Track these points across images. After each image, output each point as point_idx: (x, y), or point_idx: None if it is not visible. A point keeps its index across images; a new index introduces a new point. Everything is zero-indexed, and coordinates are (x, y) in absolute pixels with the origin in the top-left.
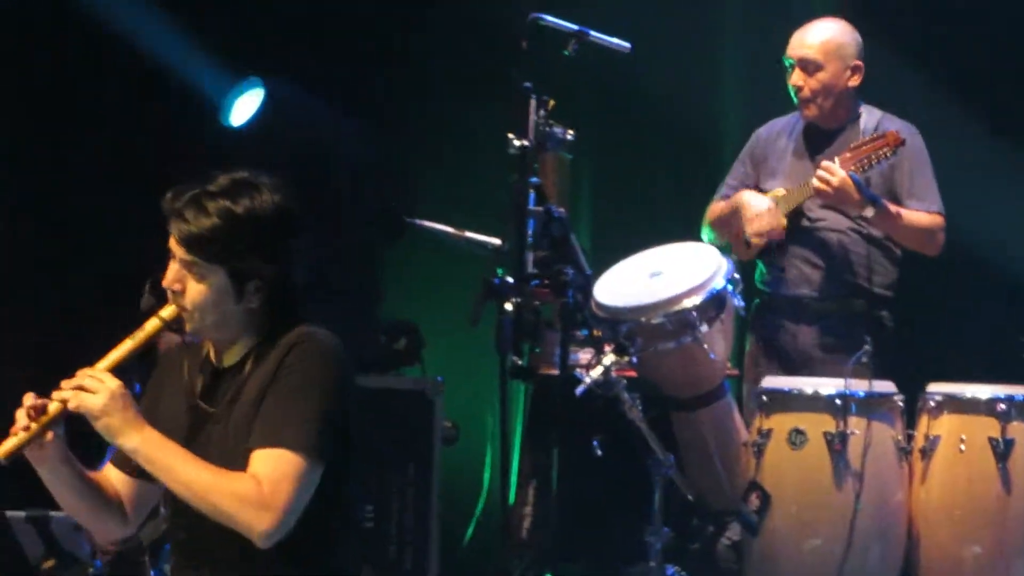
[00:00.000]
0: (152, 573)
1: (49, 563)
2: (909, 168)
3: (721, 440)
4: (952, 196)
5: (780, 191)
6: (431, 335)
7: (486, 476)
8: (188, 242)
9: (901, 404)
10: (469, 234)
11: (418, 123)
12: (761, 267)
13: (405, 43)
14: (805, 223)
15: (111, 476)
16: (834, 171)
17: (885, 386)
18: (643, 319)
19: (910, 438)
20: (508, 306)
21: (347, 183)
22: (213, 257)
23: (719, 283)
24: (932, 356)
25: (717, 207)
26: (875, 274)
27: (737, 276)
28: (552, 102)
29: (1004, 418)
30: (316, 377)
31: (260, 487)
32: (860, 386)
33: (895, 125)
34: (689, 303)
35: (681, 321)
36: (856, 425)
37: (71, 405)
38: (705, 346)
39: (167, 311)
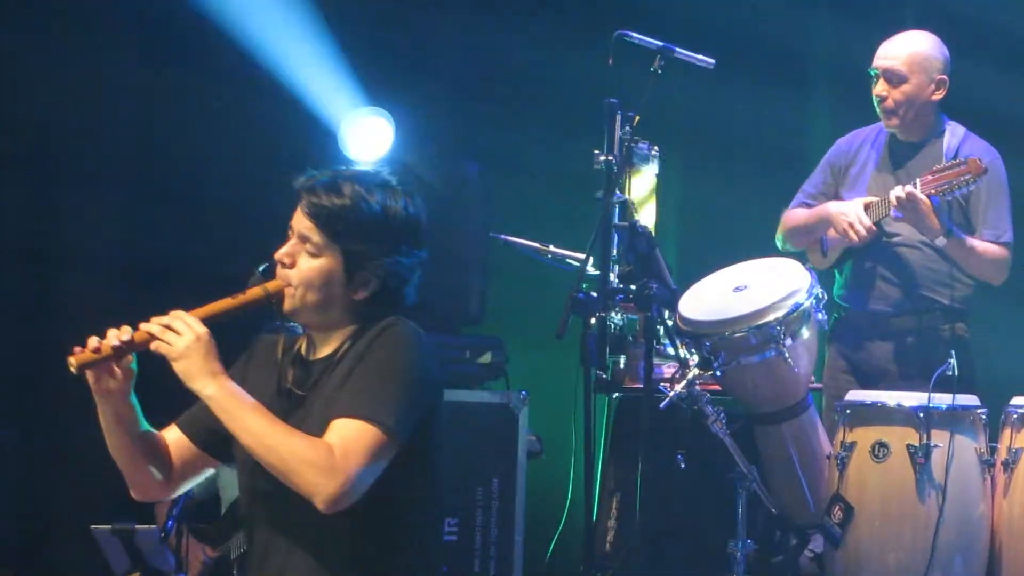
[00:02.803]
0: None
1: None
2: (987, 195)
3: (804, 453)
4: None
5: (870, 199)
6: (516, 349)
7: (569, 490)
8: (315, 214)
9: (984, 417)
10: (555, 249)
11: (504, 138)
12: (839, 281)
13: (493, 61)
14: (882, 238)
15: (169, 436)
16: (915, 196)
17: (968, 399)
18: (727, 333)
19: (993, 451)
20: (593, 321)
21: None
22: (334, 235)
23: (803, 297)
24: (1017, 369)
25: (796, 214)
26: (951, 288)
27: (820, 290)
28: (637, 118)
29: None
30: (400, 360)
31: (331, 452)
32: (943, 399)
33: (978, 146)
34: (773, 317)
35: (765, 335)
36: (939, 438)
37: (155, 341)
38: (789, 360)
39: (272, 284)
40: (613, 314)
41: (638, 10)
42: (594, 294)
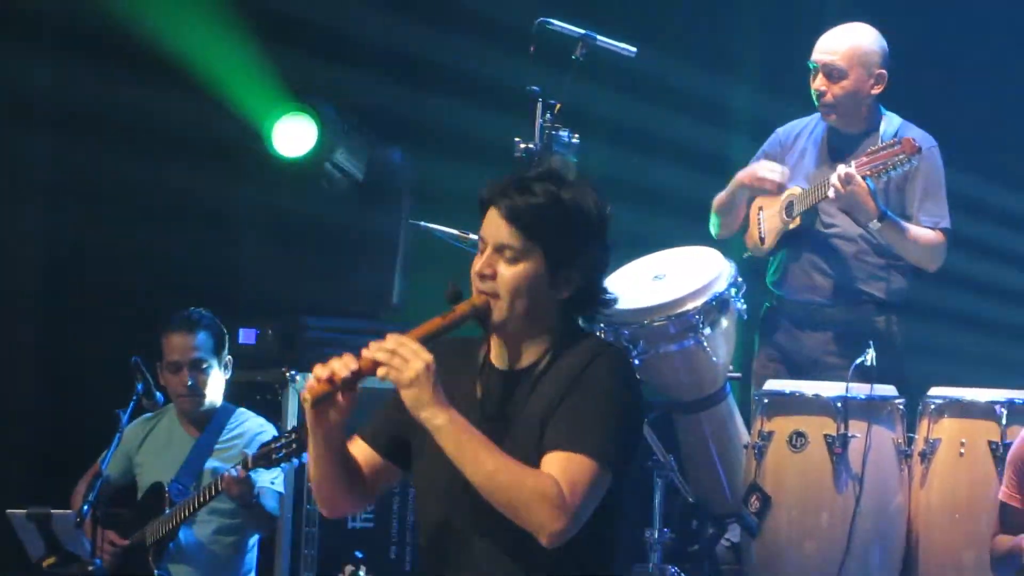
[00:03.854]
0: (156, 571)
1: (50, 561)
2: (923, 182)
3: (722, 442)
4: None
5: (796, 190)
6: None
7: None
8: (512, 217)
9: (902, 408)
10: (474, 236)
11: (424, 125)
12: (773, 269)
13: (415, 48)
14: (819, 227)
15: (355, 451)
16: (852, 176)
17: (886, 390)
18: (646, 321)
19: (911, 441)
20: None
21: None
22: (535, 235)
23: (722, 287)
24: (935, 361)
25: (719, 195)
26: (885, 282)
27: (740, 280)
28: (559, 106)
29: (1004, 421)
30: (621, 391)
31: (559, 488)
32: (861, 390)
33: (915, 133)
34: (692, 306)
35: (684, 324)
36: (857, 428)
37: (382, 370)
38: (708, 349)
39: (478, 299)
40: None
41: None
42: None
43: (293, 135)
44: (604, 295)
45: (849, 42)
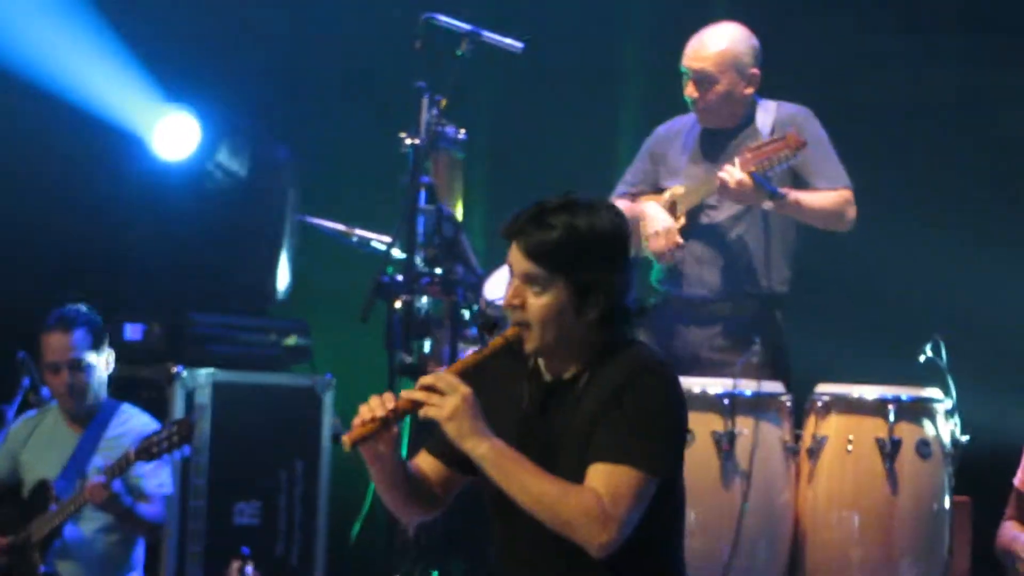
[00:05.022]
0: (42, 568)
1: None
2: (811, 152)
3: None
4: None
5: (679, 189)
6: (322, 332)
7: None
8: (533, 253)
9: (789, 404)
10: (360, 232)
11: (310, 121)
12: (657, 266)
13: (301, 42)
14: (703, 221)
15: (423, 463)
16: (732, 173)
17: (773, 386)
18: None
19: (798, 438)
20: (398, 304)
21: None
22: (556, 267)
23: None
24: (821, 357)
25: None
26: (770, 274)
27: None
28: (444, 101)
29: (891, 418)
30: (664, 400)
31: (601, 502)
32: (748, 386)
33: (790, 111)
34: None
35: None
36: (744, 425)
37: (424, 407)
38: None
39: (511, 332)
40: (420, 298)
41: None
42: (399, 277)
43: (174, 136)
44: (634, 310)
45: (718, 46)
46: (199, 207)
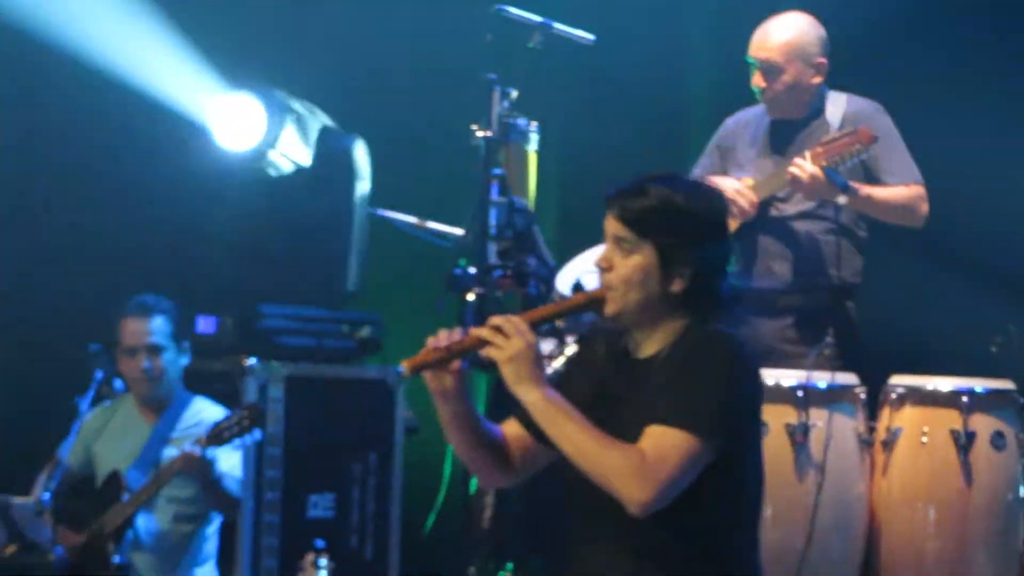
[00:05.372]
0: (115, 559)
1: (10, 549)
2: (881, 148)
3: None
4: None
5: (749, 180)
6: (395, 325)
7: (447, 466)
8: (624, 215)
9: (863, 396)
10: (432, 225)
11: (382, 114)
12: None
13: (371, 35)
14: (773, 213)
15: (509, 429)
16: (804, 167)
17: (847, 378)
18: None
19: (872, 430)
20: (470, 297)
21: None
22: (644, 231)
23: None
24: (897, 348)
25: None
26: (841, 265)
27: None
28: (516, 94)
29: (966, 410)
30: (727, 372)
31: (644, 459)
32: (822, 378)
33: (860, 105)
34: None
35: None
36: (818, 417)
37: (487, 347)
38: None
39: (597, 291)
40: (492, 291)
41: None
42: (471, 270)
43: (239, 124)
44: (721, 293)
45: (783, 36)
46: (268, 198)
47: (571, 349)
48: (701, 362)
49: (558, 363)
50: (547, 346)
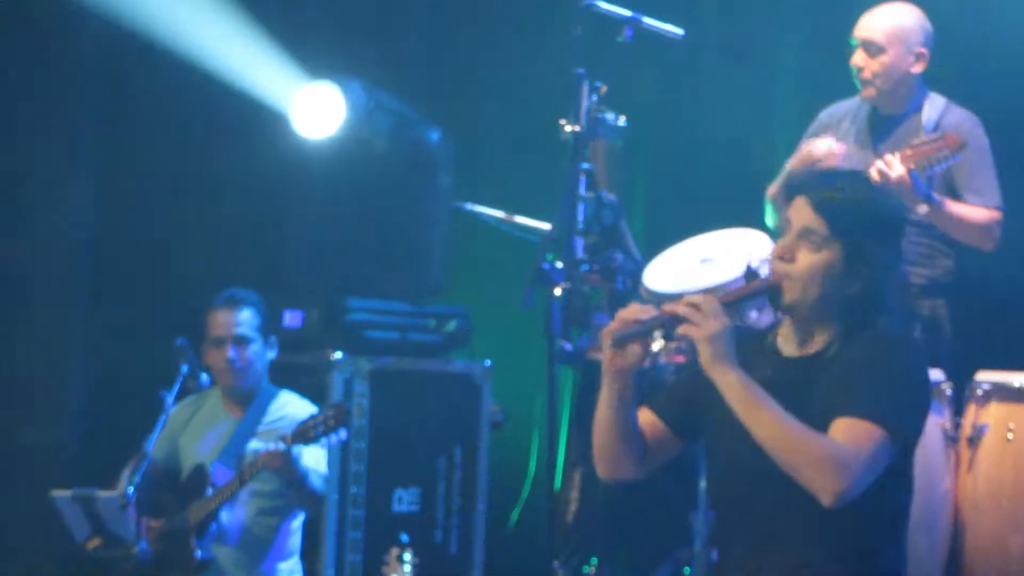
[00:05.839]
0: (198, 554)
1: (95, 542)
2: (970, 162)
3: None
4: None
5: None
6: (481, 320)
7: (532, 461)
8: (821, 207)
9: (949, 392)
10: (519, 219)
11: (470, 108)
12: None
13: (456, 29)
14: None
15: (641, 419)
16: (893, 166)
17: (933, 374)
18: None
19: (958, 426)
20: (557, 292)
21: (420, 177)
22: (838, 227)
23: (768, 270)
24: (984, 344)
25: (774, 184)
26: (932, 263)
27: None
28: (604, 88)
29: None
30: (908, 366)
31: (842, 450)
32: None
33: (958, 116)
34: None
35: (729, 307)
36: None
37: (683, 326)
38: None
39: (775, 277)
40: (581, 285)
41: None
42: (559, 265)
43: (320, 113)
44: (891, 300)
45: (889, 19)
46: (351, 191)
47: (657, 344)
48: (887, 358)
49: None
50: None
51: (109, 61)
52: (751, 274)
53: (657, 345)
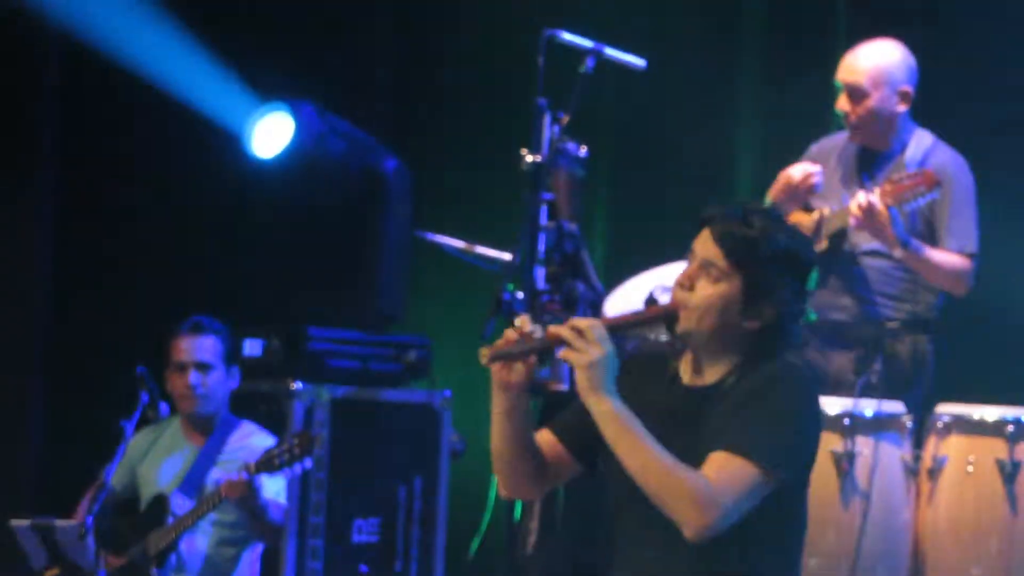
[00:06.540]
0: None
1: (53, 571)
2: (951, 204)
3: None
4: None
5: (826, 210)
6: (442, 349)
7: (492, 490)
8: (723, 240)
9: (909, 424)
10: (480, 249)
11: (431, 137)
12: None
13: (419, 59)
14: (845, 247)
15: (541, 439)
16: (872, 205)
17: (894, 406)
18: (651, 336)
19: (918, 458)
20: (518, 321)
21: (377, 205)
22: (738, 262)
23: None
24: (944, 376)
25: None
26: (912, 300)
27: None
28: (566, 118)
29: (1012, 439)
30: (795, 405)
31: (707, 486)
32: (868, 406)
33: (944, 156)
34: None
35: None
36: (864, 445)
37: (566, 348)
38: None
39: (671, 304)
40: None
41: (569, 8)
42: (520, 295)
43: (271, 135)
44: (793, 337)
45: (872, 61)
46: (309, 219)
47: None
48: (773, 394)
49: None
50: None
51: (68, 96)
52: (651, 301)
53: None
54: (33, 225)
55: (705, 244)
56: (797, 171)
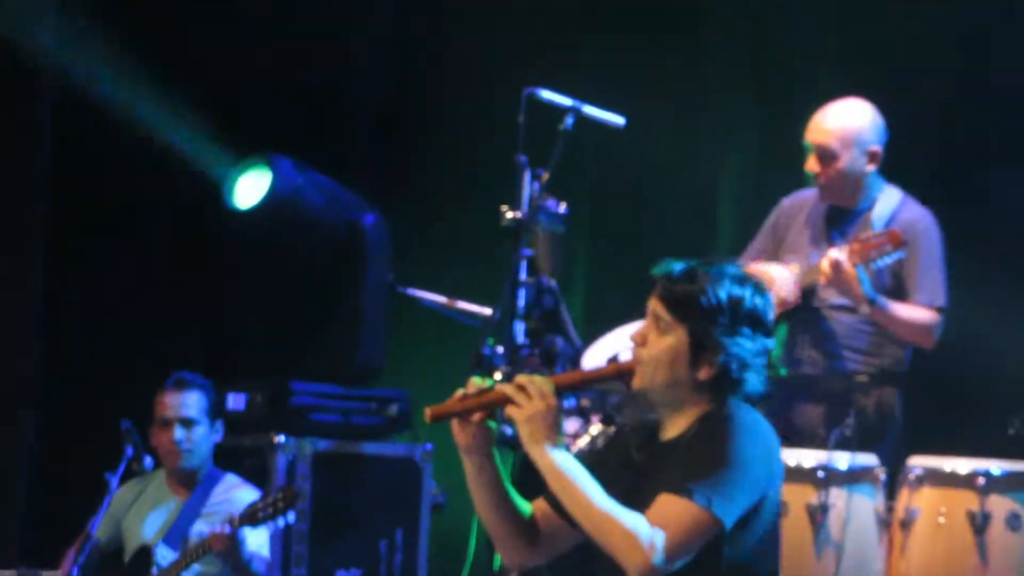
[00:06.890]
0: None
1: None
2: (920, 260)
3: None
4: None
5: (796, 267)
6: (423, 403)
7: (472, 543)
8: (665, 297)
9: (883, 477)
10: (461, 304)
11: (412, 193)
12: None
13: (399, 115)
14: (814, 303)
15: (537, 508)
16: (840, 263)
17: (867, 459)
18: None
19: (891, 510)
20: (498, 376)
21: (357, 259)
22: (682, 316)
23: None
24: (916, 428)
25: None
26: (879, 355)
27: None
28: (546, 175)
29: (983, 492)
30: (738, 446)
31: (647, 528)
32: (842, 459)
33: (912, 214)
34: None
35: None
36: (837, 497)
37: (508, 403)
38: None
39: (625, 363)
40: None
41: (549, 66)
42: (500, 349)
43: (250, 188)
44: (750, 386)
45: (840, 122)
46: (290, 273)
47: (595, 428)
48: (718, 436)
49: (582, 442)
50: (572, 425)
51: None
52: (613, 359)
53: (595, 429)
54: (23, 279)
55: (653, 300)
56: (777, 277)
